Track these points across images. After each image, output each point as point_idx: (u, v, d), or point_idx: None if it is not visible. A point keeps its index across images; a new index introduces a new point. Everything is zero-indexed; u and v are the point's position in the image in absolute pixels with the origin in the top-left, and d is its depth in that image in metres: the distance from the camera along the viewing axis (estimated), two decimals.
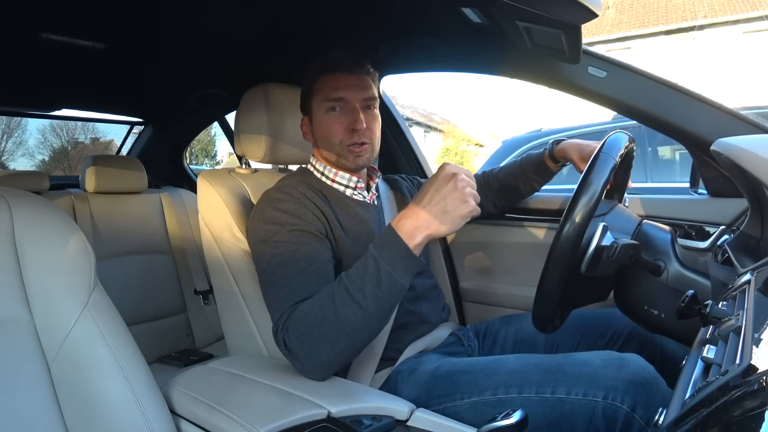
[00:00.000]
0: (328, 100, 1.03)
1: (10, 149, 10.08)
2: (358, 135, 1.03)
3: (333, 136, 1.04)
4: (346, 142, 1.04)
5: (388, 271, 0.79)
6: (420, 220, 0.80)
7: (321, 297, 0.83)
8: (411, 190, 1.28)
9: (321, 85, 1.04)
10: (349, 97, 1.03)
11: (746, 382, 0.39)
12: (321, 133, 1.06)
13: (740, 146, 0.83)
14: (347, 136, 1.03)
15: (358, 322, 0.80)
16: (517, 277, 1.46)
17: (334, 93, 1.03)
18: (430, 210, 0.79)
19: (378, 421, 0.72)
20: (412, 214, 0.81)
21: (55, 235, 0.72)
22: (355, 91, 1.03)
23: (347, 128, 1.03)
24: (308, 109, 1.09)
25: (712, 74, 12.27)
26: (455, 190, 0.79)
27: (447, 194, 0.79)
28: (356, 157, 1.05)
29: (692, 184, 1.38)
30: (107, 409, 0.67)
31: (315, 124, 1.07)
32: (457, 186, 0.79)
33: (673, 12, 14.27)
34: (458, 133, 19.51)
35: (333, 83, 1.03)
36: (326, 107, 1.04)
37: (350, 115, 1.03)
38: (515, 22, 0.98)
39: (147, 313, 1.78)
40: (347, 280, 0.81)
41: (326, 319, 0.81)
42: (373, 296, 0.79)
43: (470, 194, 0.80)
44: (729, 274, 0.84)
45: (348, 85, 1.03)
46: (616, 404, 0.78)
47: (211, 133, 12.40)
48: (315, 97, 1.06)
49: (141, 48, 1.53)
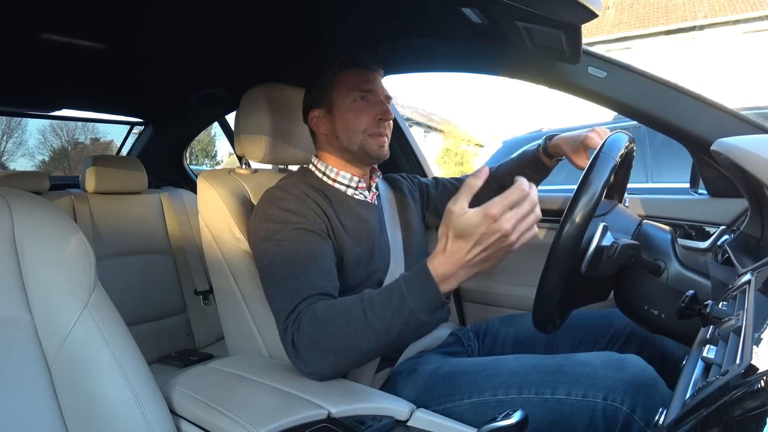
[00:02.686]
0: (359, 90, 1.07)
1: (10, 149, 10.10)
2: (384, 126, 1.08)
3: (359, 125, 1.06)
4: (371, 131, 1.07)
5: (412, 309, 0.76)
6: (459, 270, 0.74)
7: (336, 312, 0.82)
8: (411, 189, 1.28)
9: (346, 77, 1.08)
10: (377, 90, 1.09)
11: (746, 382, 0.39)
12: (345, 121, 1.07)
13: (740, 146, 0.83)
14: (373, 125, 1.07)
15: (371, 346, 0.80)
16: (517, 277, 1.46)
17: (363, 85, 1.07)
18: (472, 261, 0.73)
19: (378, 422, 0.72)
20: (451, 261, 0.74)
21: (55, 236, 0.72)
22: (380, 87, 1.10)
23: (374, 117, 1.07)
24: (325, 102, 1.09)
25: (712, 74, 12.28)
26: (502, 246, 0.71)
27: (493, 248, 0.71)
28: (380, 147, 1.08)
29: (692, 184, 1.38)
30: (107, 409, 0.67)
31: (338, 114, 1.08)
32: (506, 241, 0.70)
33: (673, 12, 14.27)
34: (458, 133, 19.51)
35: (360, 76, 1.08)
36: (353, 97, 1.07)
37: (378, 105, 1.07)
38: (515, 23, 0.98)
39: (147, 314, 1.78)
40: (368, 305, 0.79)
41: (338, 337, 0.80)
42: (390, 327, 0.78)
43: (525, 239, 0.72)
44: (729, 274, 0.84)
45: (374, 80, 1.09)
46: (616, 405, 0.78)
47: (211, 133, 12.42)
48: (338, 89, 1.08)
49: (141, 48, 1.53)
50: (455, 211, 0.72)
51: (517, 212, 0.70)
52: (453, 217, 0.72)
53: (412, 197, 1.26)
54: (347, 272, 1.00)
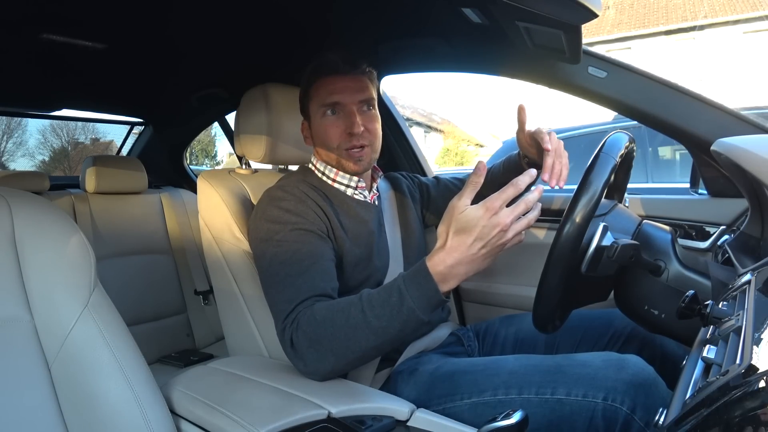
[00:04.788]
0: (324, 105, 1.02)
1: (10, 149, 10.09)
2: (357, 138, 1.02)
3: (331, 141, 1.03)
4: (344, 146, 1.03)
5: (411, 307, 0.76)
6: (459, 266, 0.74)
7: (335, 312, 0.81)
8: (411, 188, 1.28)
9: (316, 89, 1.04)
10: (345, 101, 1.02)
11: (747, 382, 0.39)
12: (319, 137, 1.06)
13: (740, 146, 0.83)
14: (345, 140, 1.03)
15: (369, 345, 0.79)
16: (517, 277, 1.46)
17: (329, 97, 1.02)
18: (472, 257, 0.73)
19: (378, 422, 0.72)
20: (451, 258, 0.74)
21: (55, 236, 0.72)
22: (351, 94, 1.02)
23: (344, 132, 1.02)
24: (306, 113, 1.09)
25: (712, 74, 12.27)
26: (499, 242, 0.73)
27: (492, 244, 0.72)
28: (357, 162, 1.04)
29: (692, 184, 1.38)
30: (107, 409, 0.67)
31: (313, 128, 1.07)
32: (504, 237, 0.72)
33: (673, 12, 14.27)
34: (458, 133, 19.53)
35: (328, 87, 1.02)
36: (322, 112, 1.03)
37: (347, 119, 1.02)
38: (515, 23, 0.98)
39: (147, 314, 1.78)
40: (366, 304, 0.79)
41: (337, 336, 0.80)
42: (389, 326, 0.78)
43: (512, 242, 0.74)
44: (729, 274, 0.83)
45: (343, 88, 1.01)
46: (616, 405, 0.78)
47: (211, 133, 12.41)
48: (312, 102, 1.06)
49: (141, 48, 1.53)
50: (458, 206, 0.74)
51: (515, 209, 0.72)
52: (456, 212, 0.73)
53: (412, 197, 1.26)
54: (346, 273, 1.00)
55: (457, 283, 0.77)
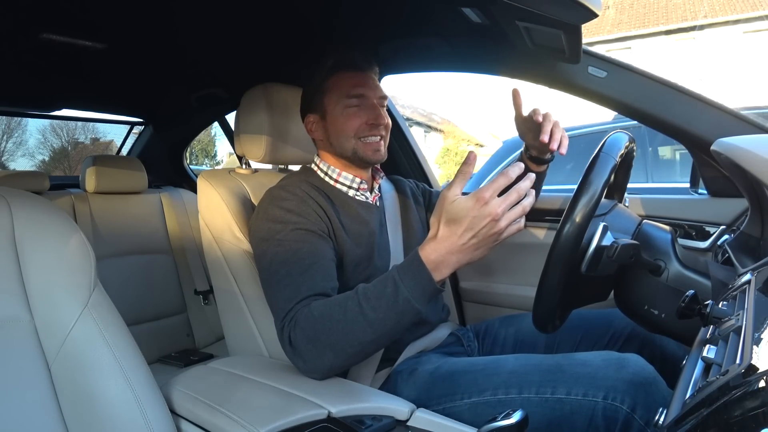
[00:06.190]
0: (348, 97, 1.05)
1: (10, 149, 10.10)
2: (377, 129, 1.05)
3: (350, 130, 1.05)
4: (362, 134, 1.05)
5: (406, 297, 0.77)
6: (450, 255, 0.75)
7: (332, 306, 0.82)
8: (414, 191, 1.27)
9: (336, 82, 1.06)
10: (369, 94, 1.06)
11: (747, 382, 0.39)
12: (337, 128, 1.06)
13: (740, 146, 0.83)
14: (365, 130, 1.05)
15: (367, 338, 0.80)
16: (517, 277, 1.46)
17: (353, 90, 1.05)
18: (463, 247, 0.74)
19: (378, 421, 0.72)
20: (443, 247, 0.75)
21: (55, 235, 0.72)
22: (372, 89, 1.06)
23: (366, 123, 1.05)
24: (318, 107, 1.09)
25: (712, 74, 12.27)
26: (492, 232, 0.73)
27: (483, 234, 0.73)
28: (375, 152, 1.06)
29: (692, 184, 1.38)
30: (107, 409, 0.67)
31: (330, 120, 1.07)
32: (496, 227, 0.72)
33: (673, 12, 14.27)
34: (458, 133, 19.52)
35: (350, 80, 1.05)
36: (345, 104, 1.05)
37: (370, 110, 1.05)
38: (515, 22, 0.98)
39: (147, 313, 1.78)
40: (362, 297, 0.80)
41: (334, 331, 0.80)
42: (386, 318, 0.78)
43: (510, 231, 0.74)
44: (729, 274, 0.84)
45: (365, 82, 1.06)
46: (616, 404, 0.78)
47: (211, 133, 12.41)
48: (330, 94, 1.06)
49: (141, 48, 1.53)
50: (449, 196, 0.74)
51: (506, 199, 0.72)
52: (446, 202, 0.74)
53: (415, 199, 1.26)
54: (347, 274, 1.00)
55: (450, 272, 0.78)
